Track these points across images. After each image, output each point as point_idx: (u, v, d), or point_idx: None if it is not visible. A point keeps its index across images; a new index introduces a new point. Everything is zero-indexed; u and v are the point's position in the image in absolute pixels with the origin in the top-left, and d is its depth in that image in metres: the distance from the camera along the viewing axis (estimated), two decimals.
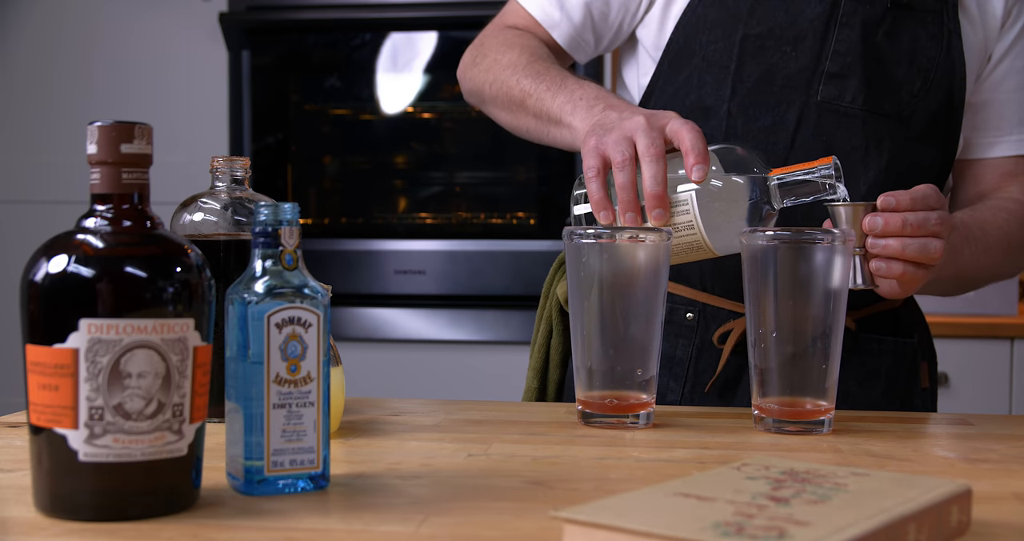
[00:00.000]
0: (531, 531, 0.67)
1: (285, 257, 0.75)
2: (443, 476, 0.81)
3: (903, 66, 1.21)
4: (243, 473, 0.74)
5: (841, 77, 1.20)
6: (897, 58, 1.21)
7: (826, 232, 0.97)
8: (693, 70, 1.23)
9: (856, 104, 1.20)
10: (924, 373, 1.31)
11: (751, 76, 1.20)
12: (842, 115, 1.20)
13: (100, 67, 2.67)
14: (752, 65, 1.20)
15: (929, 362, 1.33)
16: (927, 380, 1.31)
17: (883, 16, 1.20)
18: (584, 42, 1.31)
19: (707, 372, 1.24)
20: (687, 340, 1.25)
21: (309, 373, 0.75)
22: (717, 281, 1.23)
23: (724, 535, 0.56)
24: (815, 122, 1.20)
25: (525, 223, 2.56)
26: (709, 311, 1.24)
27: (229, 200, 1.03)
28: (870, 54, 1.20)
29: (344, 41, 2.62)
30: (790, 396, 0.99)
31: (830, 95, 1.20)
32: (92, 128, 0.70)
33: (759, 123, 1.20)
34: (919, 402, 1.29)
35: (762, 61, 1.20)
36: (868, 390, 1.24)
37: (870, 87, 1.20)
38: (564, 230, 1.02)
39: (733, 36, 1.21)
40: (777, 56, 1.20)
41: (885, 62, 1.21)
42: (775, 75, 1.20)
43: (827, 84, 1.20)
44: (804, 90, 1.20)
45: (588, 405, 1.01)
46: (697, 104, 1.23)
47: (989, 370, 2.44)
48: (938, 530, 0.64)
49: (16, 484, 0.77)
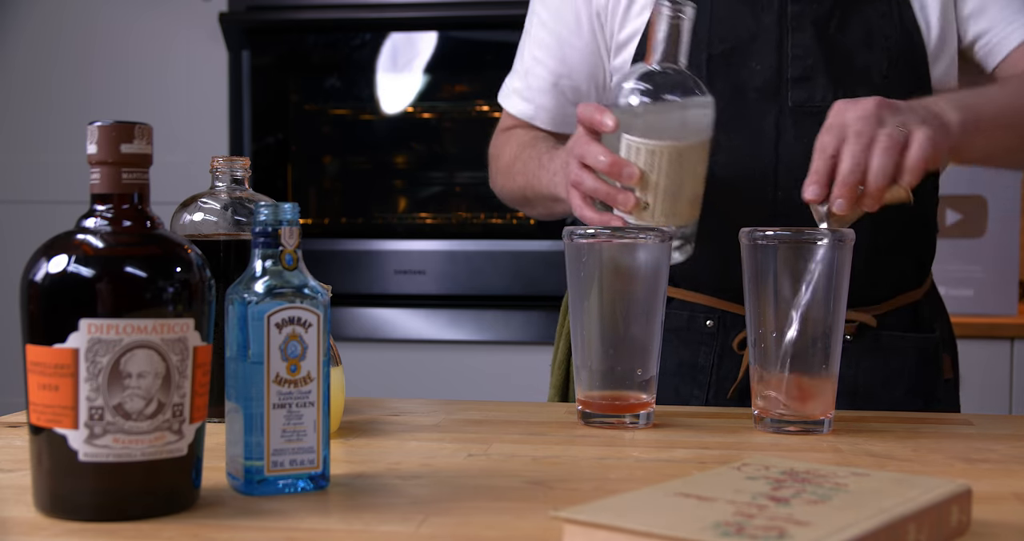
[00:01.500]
0: (531, 531, 0.67)
1: (285, 257, 0.75)
2: (443, 476, 0.81)
3: (863, 52, 1.21)
4: (243, 473, 0.74)
5: (806, 79, 1.21)
6: (855, 47, 1.21)
7: (826, 232, 0.97)
8: None
9: (827, 102, 1.16)
10: (947, 365, 1.30)
11: (723, 94, 1.20)
12: (818, 115, 1.17)
13: (100, 67, 2.67)
14: (722, 82, 1.21)
15: (951, 353, 1.32)
16: (950, 371, 1.30)
17: (831, 10, 1.21)
18: (570, 117, 1.32)
19: (729, 378, 1.24)
20: (708, 347, 1.25)
21: (309, 373, 0.75)
22: (734, 289, 1.21)
23: (724, 535, 0.56)
24: (793, 128, 1.20)
25: (525, 223, 2.55)
26: (728, 318, 1.25)
27: (229, 200, 1.03)
28: (828, 51, 1.21)
29: (344, 41, 2.62)
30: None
31: (801, 99, 1.21)
32: (92, 128, 0.70)
33: (739, 137, 1.21)
34: (942, 394, 1.28)
35: (730, 77, 1.22)
36: (892, 390, 1.24)
37: (838, 83, 1.20)
38: (564, 230, 1.02)
39: (698, 58, 1.22)
40: (745, 71, 1.21)
41: (845, 54, 1.21)
42: (746, 89, 1.22)
43: (795, 89, 1.21)
44: (775, 99, 1.21)
45: (588, 405, 1.01)
46: None
47: (989, 370, 2.44)
48: (938, 530, 0.64)
49: (16, 484, 0.77)
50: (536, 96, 1.35)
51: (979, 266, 2.58)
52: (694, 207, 1.08)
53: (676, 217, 1.06)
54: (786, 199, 1.19)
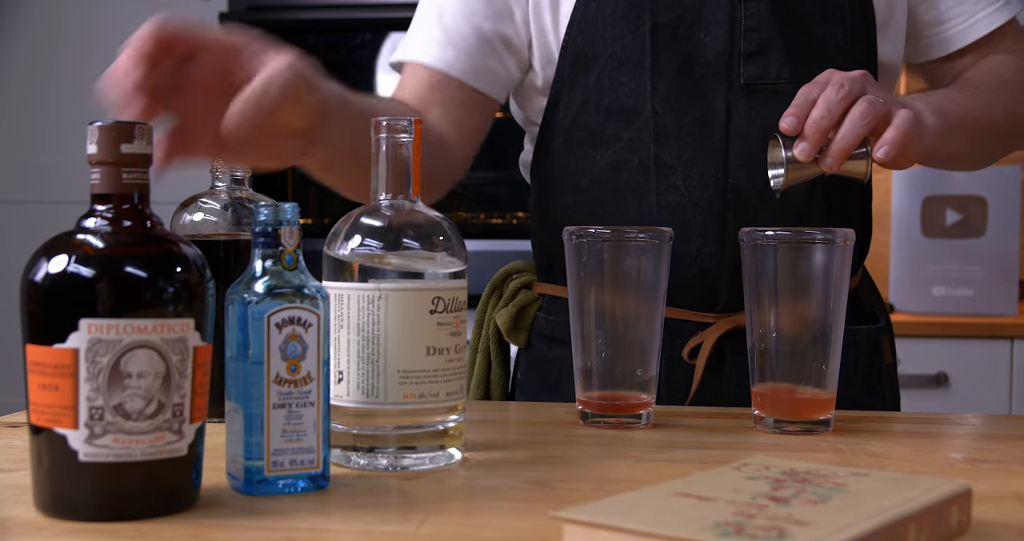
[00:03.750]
0: (531, 531, 0.67)
1: (285, 257, 0.75)
2: (443, 476, 0.81)
3: (818, 23, 1.15)
4: (243, 473, 0.74)
5: (761, 54, 1.13)
6: (811, 17, 1.15)
7: (826, 232, 0.97)
8: (602, 70, 1.15)
9: (783, 77, 1.13)
10: (886, 349, 1.25)
11: (669, 69, 1.13)
12: (771, 93, 1.13)
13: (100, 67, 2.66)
14: (667, 57, 1.13)
15: (890, 337, 1.27)
16: (889, 355, 1.26)
17: None
18: (492, 73, 1.19)
19: (681, 390, 1.16)
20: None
21: (309, 373, 0.75)
22: (677, 293, 1.11)
23: (724, 535, 0.56)
24: (745, 106, 1.13)
25: (525, 223, 2.55)
26: (673, 325, 1.14)
27: (229, 200, 1.03)
28: (784, 21, 1.13)
29: (344, 41, 2.62)
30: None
31: (753, 75, 1.13)
32: (92, 128, 0.70)
33: (688, 117, 1.14)
34: (885, 379, 1.24)
35: (677, 51, 1.13)
36: (850, 386, 1.19)
37: (793, 57, 1.13)
38: (564, 230, 1.02)
39: (641, 28, 1.13)
40: (692, 44, 1.13)
41: (802, 25, 1.14)
42: (693, 64, 1.13)
43: (748, 64, 1.13)
44: (725, 75, 1.13)
45: (588, 405, 1.01)
46: (615, 106, 1.15)
47: (989, 370, 2.44)
48: (938, 530, 0.64)
49: (16, 484, 0.77)
50: (458, 41, 1.18)
51: (979, 266, 2.58)
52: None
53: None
54: (736, 187, 1.13)
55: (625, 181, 1.16)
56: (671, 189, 1.14)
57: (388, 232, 0.83)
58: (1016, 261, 2.58)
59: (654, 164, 1.15)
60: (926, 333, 2.43)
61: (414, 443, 0.82)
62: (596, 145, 1.17)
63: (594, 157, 1.17)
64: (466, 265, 0.85)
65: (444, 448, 0.84)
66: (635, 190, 1.16)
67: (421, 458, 0.82)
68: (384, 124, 0.84)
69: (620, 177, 1.16)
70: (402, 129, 0.84)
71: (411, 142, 0.84)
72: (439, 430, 0.83)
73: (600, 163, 1.17)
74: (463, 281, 0.84)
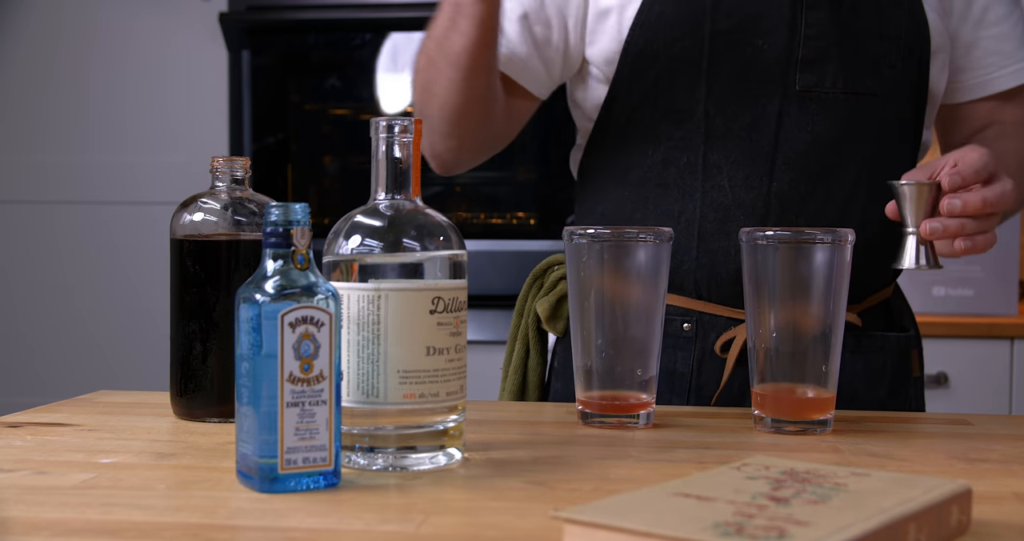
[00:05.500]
0: (531, 531, 0.67)
1: (297, 257, 0.76)
2: (443, 476, 0.81)
3: (874, 39, 1.17)
4: (256, 471, 0.74)
5: (817, 62, 1.15)
6: (867, 32, 1.17)
7: (826, 232, 0.97)
8: (660, 71, 1.17)
9: (837, 88, 1.16)
10: (915, 362, 1.28)
11: (725, 73, 1.15)
12: (824, 101, 1.16)
13: (99, 67, 2.67)
14: (724, 61, 1.16)
15: (919, 351, 1.30)
16: (918, 368, 1.28)
17: None
18: (527, 61, 1.22)
19: (710, 384, 1.18)
20: (686, 352, 1.19)
21: (322, 372, 0.75)
22: (713, 289, 1.18)
23: (724, 535, 0.56)
24: (797, 113, 1.16)
25: (525, 223, 2.56)
26: (706, 320, 1.18)
27: (229, 200, 1.03)
28: (843, 33, 1.16)
29: (344, 41, 2.62)
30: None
31: (809, 83, 1.15)
32: None
33: (739, 121, 1.16)
34: (912, 392, 1.26)
35: (735, 57, 1.16)
36: (874, 391, 1.22)
37: (848, 68, 1.16)
38: (564, 230, 1.02)
39: (700, 32, 1.15)
40: (750, 50, 1.16)
41: (858, 39, 1.16)
42: (750, 69, 1.16)
43: (804, 72, 1.15)
44: (781, 81, 1.15)
45: (588, 405, 1.01)
46: (669, 107, 1.17)
47: (989, 370, 2.44)
48: (938, 530, 0.64)
49: (16, 484, 0.77)
50: (511, 37, 1.20)
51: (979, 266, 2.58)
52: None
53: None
54: (780, 191, 1.15)
55: (673, 178, 1.19)
56: (716, 188, 1.17)
57: (388, 232, 0.83)
58: (1016, 261, 2.58)
59: (702, 163, 1.17)
60: (926, 333, 2.40)
61: (414, 443, 0.82)
62: (648, 142, 1.20)
63: (645, 153, 1.20)
64: (464, 251, 0.85)
65: (444, 448, 0.84)
66: (681, 187, 1.18)
67: (421, 458, 0.82)
68: (384, 124, 0.84)
69: (668, 174, 1.19)
70: (402, 129, 0.84)
71: (411, 142, 0.84)
72: (439, 430, 0.83)
73: (651, 160, 1.20)
74: (463, 281, 0.84)
